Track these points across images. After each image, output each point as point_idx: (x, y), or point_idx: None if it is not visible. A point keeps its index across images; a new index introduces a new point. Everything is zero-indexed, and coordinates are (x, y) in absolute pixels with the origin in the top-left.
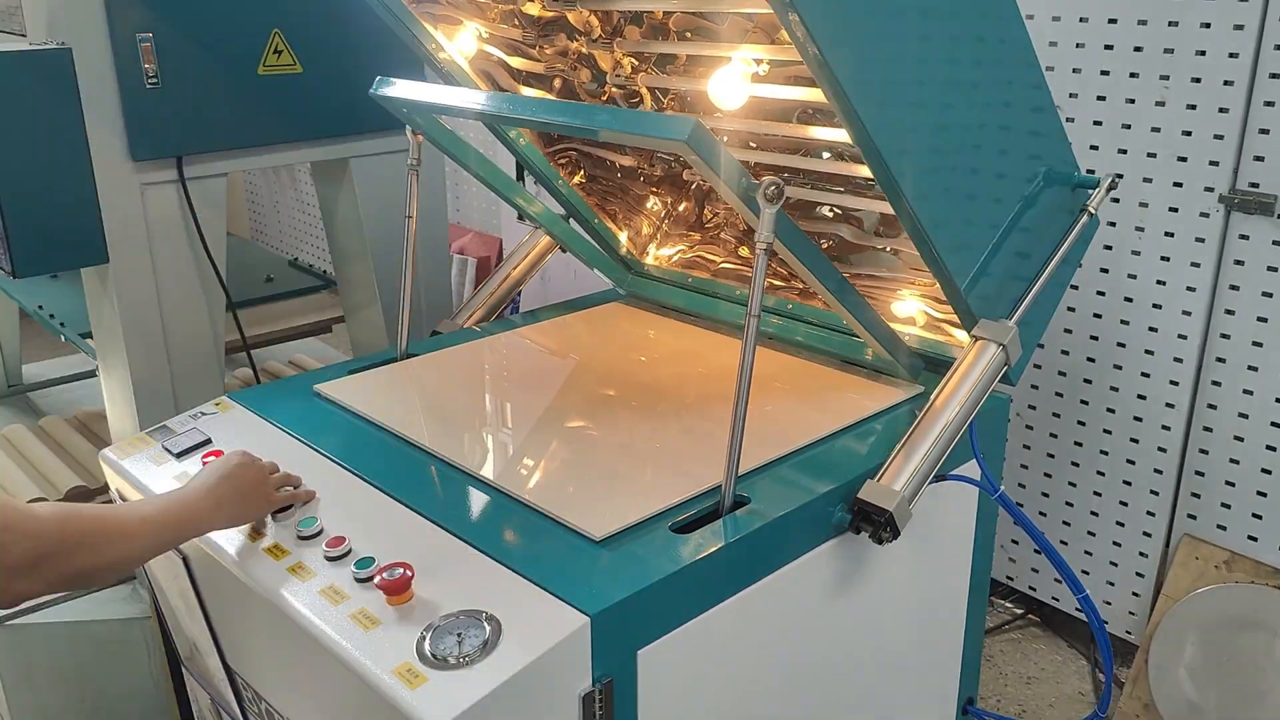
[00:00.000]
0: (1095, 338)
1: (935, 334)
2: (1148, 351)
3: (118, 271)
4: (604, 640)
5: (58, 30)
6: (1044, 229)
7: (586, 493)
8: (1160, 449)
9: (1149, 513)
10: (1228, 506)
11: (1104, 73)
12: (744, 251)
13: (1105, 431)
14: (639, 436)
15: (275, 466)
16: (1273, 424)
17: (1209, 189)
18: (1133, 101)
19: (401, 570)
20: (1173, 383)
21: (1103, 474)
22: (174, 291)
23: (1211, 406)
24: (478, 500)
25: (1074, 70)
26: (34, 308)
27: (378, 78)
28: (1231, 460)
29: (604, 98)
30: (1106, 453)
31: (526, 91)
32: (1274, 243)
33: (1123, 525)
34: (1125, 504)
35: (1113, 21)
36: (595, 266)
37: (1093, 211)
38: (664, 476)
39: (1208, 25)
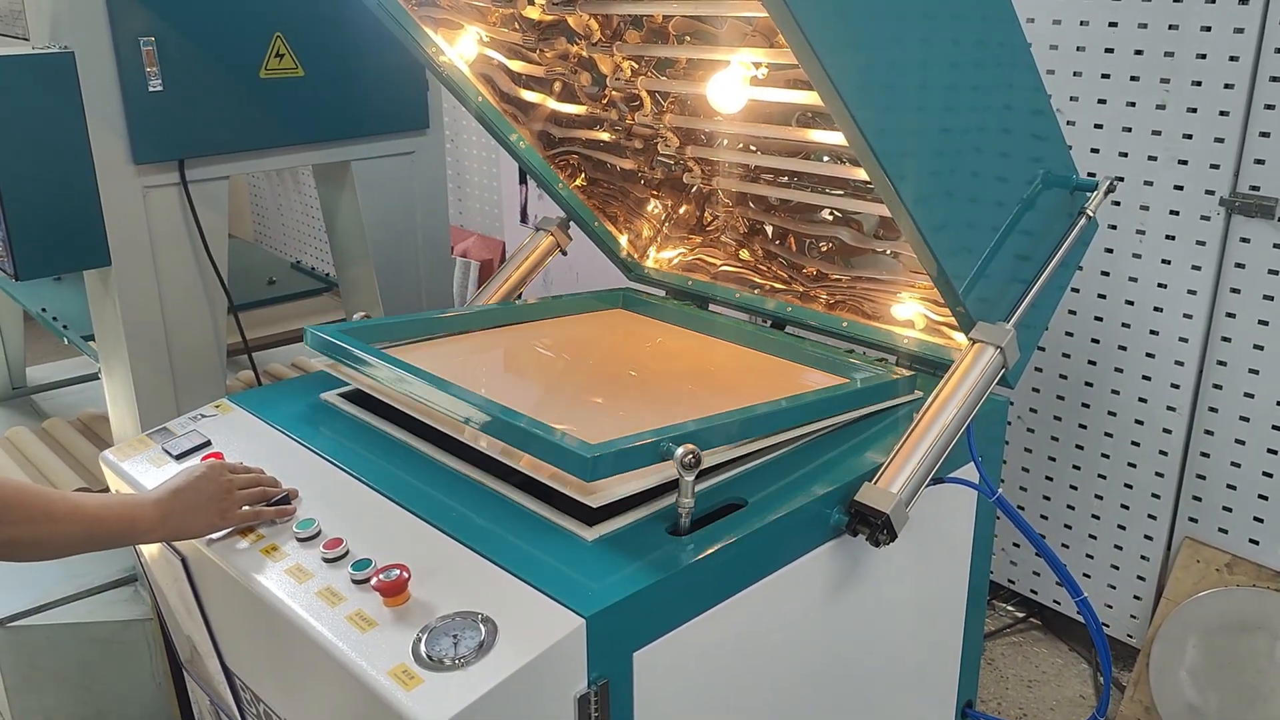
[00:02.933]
0: (1096, 340)
1: (934, 336)
2: (1149, 354)
3: (120, 274)
4: (600, 642)
5: (60, 34)
6: (1043, 231)
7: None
8: (1161, 452)
9: (1150, 515)
10: (1229, 510)
11: (1104, 76)
12: (744, 254)
13: (1106, 434)
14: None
15: (257, 479)
16: (1274, 427)
17: (1210, 192)
18: (1133, 105)
19: (398, 572)
20: (1174, 385)
21: (1104, 477)
22: (176, 294)
23: (1213, 409)
24: (474, 502)
25: (1075, 74)
26: (37, 310)
27: (306, 329)
28: (1233, 463)
29: (604, 100)
30: (1108, 455)
31: (527, 95)
32: (1275, 246)
33: (1124, 528)
34: (1126, 507)
35: (1113, 25)
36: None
37: (1091, 214)
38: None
39: (1208, 29)
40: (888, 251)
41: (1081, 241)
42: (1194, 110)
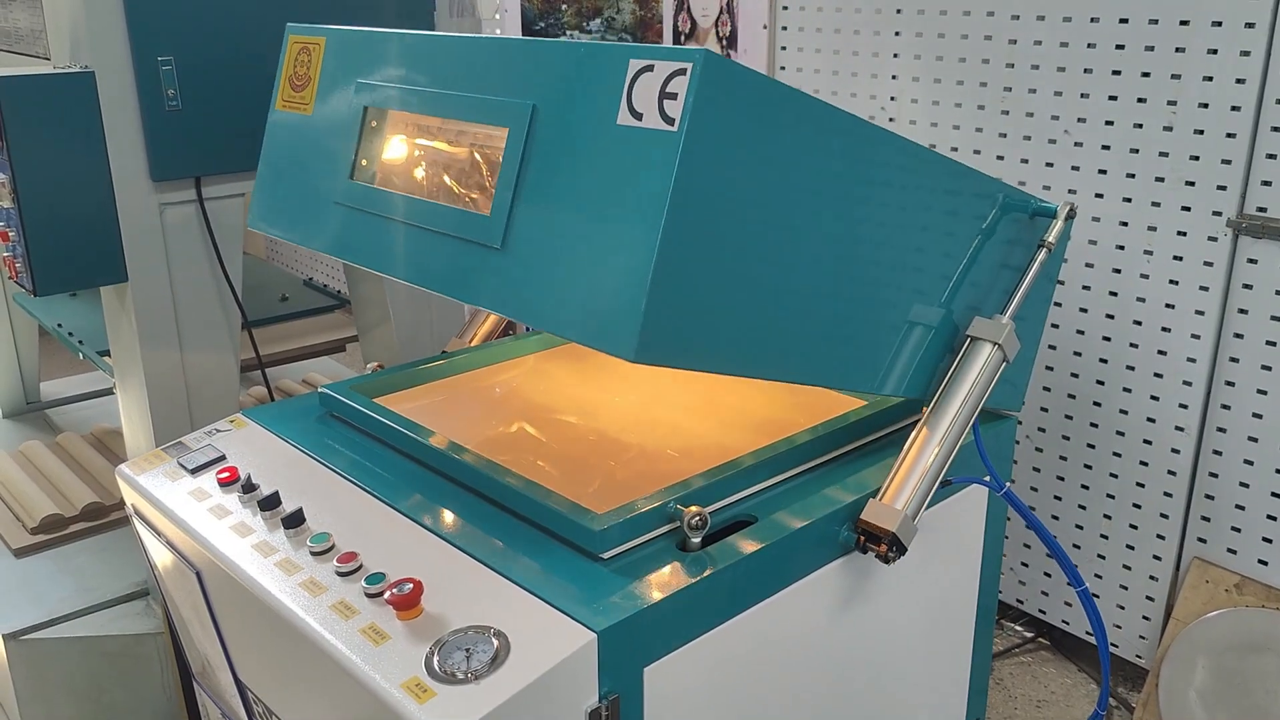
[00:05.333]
0: (1104, 360)
1: None
2: (1157, 374)
3: (136, 290)
4: (610, 657)
5: (81, 54)
6: (1003, 265)
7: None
8: (1170, 472)
9: (1159, 536)
10: (1238, 530)
11: (1112, 98)
12: None
13: (1115, 454)
14: (649, 456)
15: None
16: None
17: (1217, 213)
18: (1140, 126)
19: (411, 586)
20: (1182, 406)
21: (1112, 496)
22: (191, 310)
23: (1221, 430)
24: (487, 517)
25: (1082, 95)
26: (53, 325)
27: (319, 390)
28: (1241, 484)
29: None
30: (1116, 475)
31: None
32: None
33: (1132, 548)
34: (1135, 527)
35: (1120, 47)
36: None
37: (1051, 244)
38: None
39: (1214, 51)
40: None
41: (1052, 262)
42: (1201, 132)
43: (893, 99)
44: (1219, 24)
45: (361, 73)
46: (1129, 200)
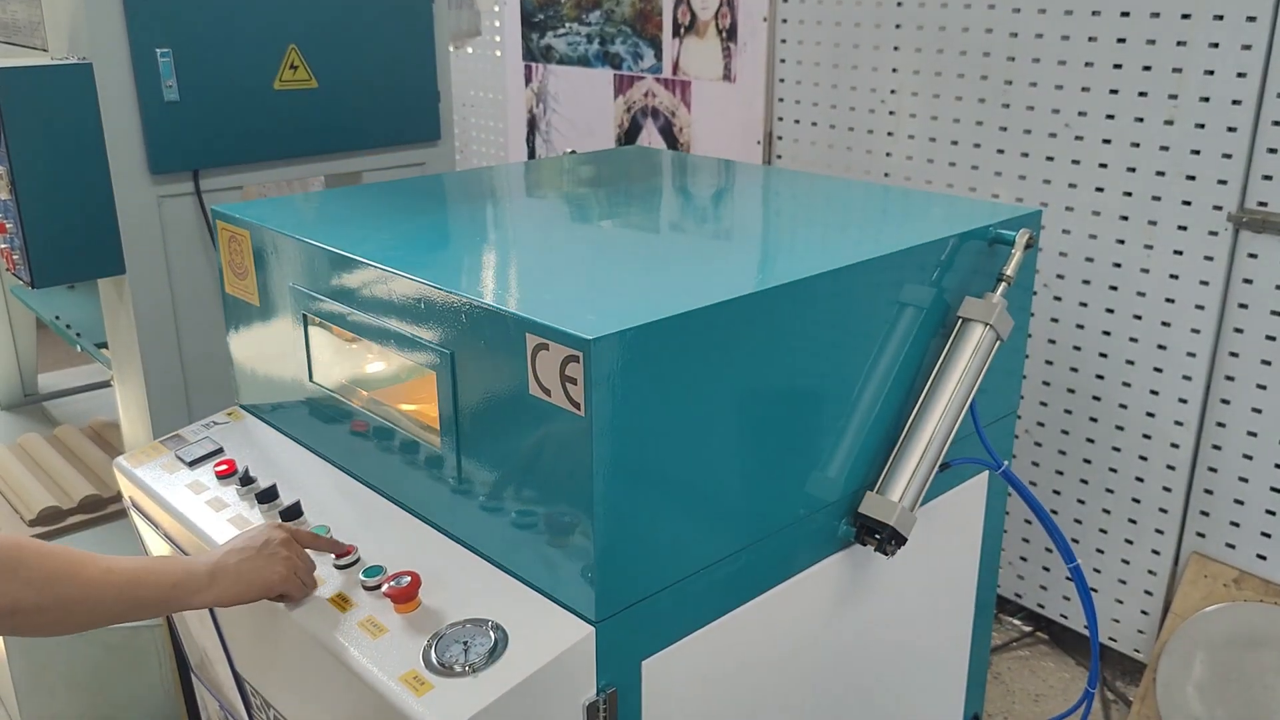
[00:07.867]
0: (1104, 355)
1: None
2: (1156, 369)
3: (134, 282)
4: (608, 650)
5: (78, 46)
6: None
7: None
8: (1169, 467)
9: (1158, 531)
10: (1237, 525)
11: (1113, 91)
12: None
13: (1114, 449)
14: None
15: (317, 541)
16: None
17: (1218, 207)
18: (1141, 120)
19: (409, 578)
20: (1181, 400)
21: (1111, 491)
22: (189, 302)
23: (1220, 425)
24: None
25: (1083, 89)
26: (50, 317)
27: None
28: (1240, 479)
29: None
30: (1115, 470)
31: None
32: None
33: (1131, 543)
34: (1134, 521)
35: (1121, 41)
36: None
37: (1011, 278)
38: None
39: (1216, 45)
40: None
41: (1022, 278)
42: (1202, 126)
43: (893, 92)
44: (1220, 17)
45: (292, 277)
46: (1129, 194)
